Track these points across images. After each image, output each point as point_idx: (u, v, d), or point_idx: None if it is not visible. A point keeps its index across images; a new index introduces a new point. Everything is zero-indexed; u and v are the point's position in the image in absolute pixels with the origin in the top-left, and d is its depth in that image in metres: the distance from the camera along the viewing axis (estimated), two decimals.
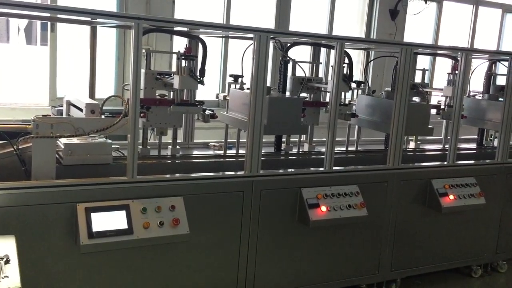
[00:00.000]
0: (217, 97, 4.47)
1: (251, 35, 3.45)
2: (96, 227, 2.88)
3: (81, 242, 2.86)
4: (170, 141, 3.99)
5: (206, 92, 4.71)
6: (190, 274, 3.40)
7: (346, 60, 4.10)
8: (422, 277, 4.50)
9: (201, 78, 3.54)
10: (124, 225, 2.97)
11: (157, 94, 3.74)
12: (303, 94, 4.36)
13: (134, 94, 3.08)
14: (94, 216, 2.90)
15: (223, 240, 3.49)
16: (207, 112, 3.76)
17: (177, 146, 4.00)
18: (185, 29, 3.81)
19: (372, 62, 7.68)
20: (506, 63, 4.66)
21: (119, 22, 3.60)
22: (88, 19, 3.69)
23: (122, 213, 2.99)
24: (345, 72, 4.04)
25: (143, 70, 3.70)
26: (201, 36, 3.84)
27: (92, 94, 3.96)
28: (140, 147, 3.78)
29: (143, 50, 3.75)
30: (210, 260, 3.46)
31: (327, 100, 4.17)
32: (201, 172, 3.55)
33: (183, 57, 3.50)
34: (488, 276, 4.79)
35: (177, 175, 3.40)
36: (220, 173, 3.53)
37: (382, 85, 7.25)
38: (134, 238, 2.99)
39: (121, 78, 6.24)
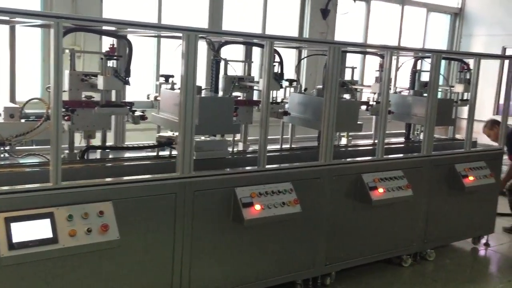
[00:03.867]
0: (148, 97, 4.37)
1: (180, 34, 3.40)
2: (16, 238, 2.73)
3: (0, 254, 2.70)
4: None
5: (142, 93, 4.62)
6: (123, 281, 3.30)
7: (278, 59, 4.15)
8: (356, 269, 4.63)
9: (127, 79, 3.45)
10: (49, 234, 2.83)
11: (83, 96, 3.61)
12: (236, 93, 4.35)
13: (56, 96, 2.94)
14: (15, 226, 2.75)
15: (156, 244, 3.42)
16: (137, 113, 3.67)
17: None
18: (112, 28, 3.70)
19: (305, 61, 7.84)
20: (430, 60, 4.88)
21: (39, 22, 3.43)
22: (6, 18, 3.49)
23: (46, 222, 2.85)
24: (276, 70, 4.08)
25: (67, 71, 3.56)
26: (131, 36, 3.74)
27: (12, 98, 3.75)
28: (67, 151, 3.63)
29: (67, 50, 3.62)
30: (143, 265, 3.38)
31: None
32: (132, 175, 3.45)
33: (107, 57, 3.39)
34: (417, 264, 5.00)
35: (106, 179, 3.29)
36: (151, 176, 3.45)
37: (315, 83, 7.41)
38: (60, 247, 2.86)
39: (47, 79, 5.97)
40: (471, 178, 5.08)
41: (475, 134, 5.67)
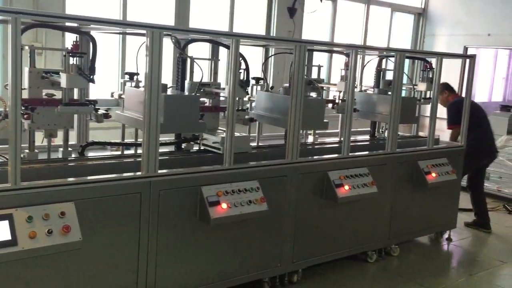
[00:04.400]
0: (112, 95, 4.30)
1: (144, 31, 3.35)
2: None
3: None
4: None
5: (107, 91, 4.53)
6: (86, 282, 3.24)
7: (243, 66, 4.08)
8: (323, 266, 4.68)
9: (91, 76, 3.38)
10: (7, 236, 2.75)
11: (44, 94, 3.51)
12: (203, 99, 4.28)
13: (14, 94, 2.86)
14: None
15: (121, 244, 3.36)
16: (100, 111, 3.60)
17: (69, 149, 3.78)
18: (74, 24, 3.61)
19: (273, 59, 7.86)
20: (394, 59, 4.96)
21: None
22: None
23: (4, 224, 2.76)
24: (242, 77, 4.02)
25: (27, 68, 3.46)
26: (95, 33, 3.66)
27: None
28: (27, 151, 3.53)
29: (26, 47, 3.52)
30: (107, 266, 3.32)
31: None
32: (96, 175, 3.39)
33: (70, 54, 3.31)
34: (382, 260, 5.09)
35: (67, 179, 3.22)
36: (115, 175, 3.39)
37: (283, 81, 7.43)
38: (19, 249, 2.77)
39: (7, 77, 5.78)
40: (433, 174, 5.20)
41: (438, 131, 5.81)
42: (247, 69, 4.08)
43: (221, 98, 4.30)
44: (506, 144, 7.54)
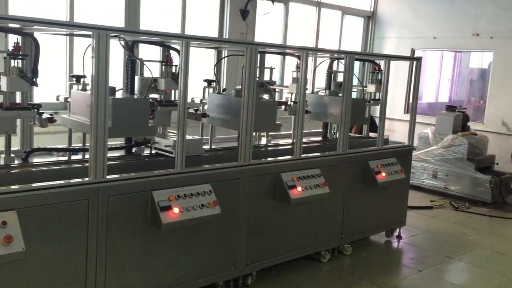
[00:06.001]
0: (57, 99, 4.15)
1: (90, 33, 3.26)
2: None
3: None
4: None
5: (54, 94, 4.38)
6: None
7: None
8: (277, 267, 4.69)
9: (34, 79, 3.25)
10: None
11: None
12: (154, 95, 4.23)
13: None
14: None
15: (68, 253, 3.25)
16: (44, 116, 3.47)
17: (12, 155, 3.62)
18: (16, 25, 3.46)
19: (226, 61, 7.84)
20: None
21: None
22: None
23: None
24: (174, 71, 3.95)
25: None
26: (40, 34, 3.52)
27: None
28: None
29: None
30: (53, 276, 3.20)
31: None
32: (41, 182, 3.25)
33: (11, 56, 3.17)
34: (335, 259, 5.16)
35: (9, 187, 3.07)
36: (61, 182, 3.27)
37: (236, 84, 7.42)
38: None
39: None
40: (383, 174, 5.33)
41: (387, 131, 5.96)
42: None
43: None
44: (452, 143, 7.82)
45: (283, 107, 5.20)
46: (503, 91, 8.44)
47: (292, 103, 5.14)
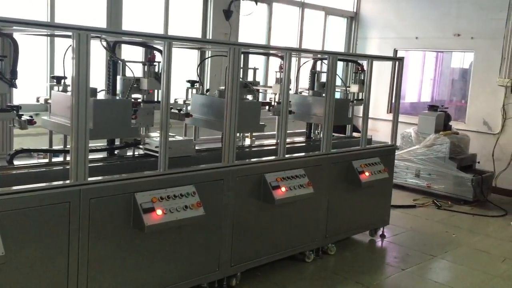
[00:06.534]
0: (37, 100, 4.09)
1: (70, 33, 3.22)
2: None
3: None
4: None
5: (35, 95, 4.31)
6: None
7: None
8: (261, 268, 4.69)
9: (13, 81, 3.20)
10: None
11: None
12: (136, 95, 4.20)
13: None
14: None
15: (49, 257, 3.20)
16: (24, 117, 3.42)
17: None
18: None
19: (210, 62, 7.81)
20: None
21: None
22: None
23: None
24: (157, 70, 3.93)
25: None
26: (20, 35, 3.46)
27: None
28: None
29: None
30: (35, 280, 3.15)
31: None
32: (21, 185, 3.20)
33: None
34: (320, 259, 5.18)
35: None
36: (42, 184, 3.22)
37: (220, 84, 7.40)
38: None
39: None
40: (367, 173, 5.36)
41: (371, 131, 5.99)
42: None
43: None
44: (434, 142, 7.91)
45: (267, 107, 5.20)
46: (484, 90, 8.56)
47: (275, 103, 5.14)
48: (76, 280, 3.33)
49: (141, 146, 4.09)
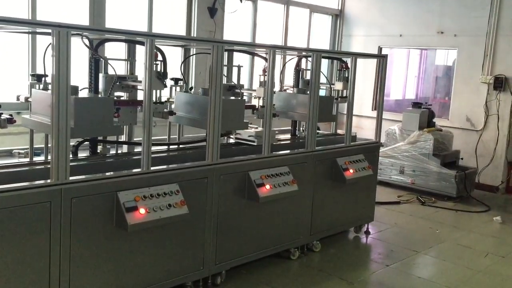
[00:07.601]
0: (18, 99, 4.03)
1: (49, 31, 3.17)
2: None
3: None
4: None
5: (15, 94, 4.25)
6: None
7: (160, 58, 4.04)
8: (246, 266, 4.69)
9: None
10: None
11: None
12: (119, 93, 4.17)
13: None
14: None
15: (29, 258, 3.16)
16: (3, 116, 3.37)
17: None
18: None
19: (194, 60, 7.77)
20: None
21: None
22: None
23: None
24: (159, 69, 3.97)
25: None
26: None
27: None
28: None
29: None
30: (15, 281, 3.11)
31: None
32: (2, 184, 3.15)
33: None
34: (305, 256, 5.19)
35: None
36: (22, 184, 3.17)
37: (205, 82, 7.37)
38: None
39: None
40: (351, 170, 5.38)
41: (356, 128, 6.01)
42: (164, 61, 4.00)
43: None
44: (418, 139, 7.97)
45: (250, 110, 5.15)
46: (467, 87, 8.64)
47: (259, 107, 5.10)
48: (58, 281, 3.29)
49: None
